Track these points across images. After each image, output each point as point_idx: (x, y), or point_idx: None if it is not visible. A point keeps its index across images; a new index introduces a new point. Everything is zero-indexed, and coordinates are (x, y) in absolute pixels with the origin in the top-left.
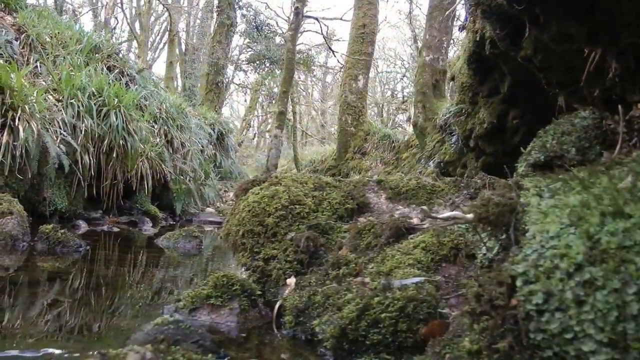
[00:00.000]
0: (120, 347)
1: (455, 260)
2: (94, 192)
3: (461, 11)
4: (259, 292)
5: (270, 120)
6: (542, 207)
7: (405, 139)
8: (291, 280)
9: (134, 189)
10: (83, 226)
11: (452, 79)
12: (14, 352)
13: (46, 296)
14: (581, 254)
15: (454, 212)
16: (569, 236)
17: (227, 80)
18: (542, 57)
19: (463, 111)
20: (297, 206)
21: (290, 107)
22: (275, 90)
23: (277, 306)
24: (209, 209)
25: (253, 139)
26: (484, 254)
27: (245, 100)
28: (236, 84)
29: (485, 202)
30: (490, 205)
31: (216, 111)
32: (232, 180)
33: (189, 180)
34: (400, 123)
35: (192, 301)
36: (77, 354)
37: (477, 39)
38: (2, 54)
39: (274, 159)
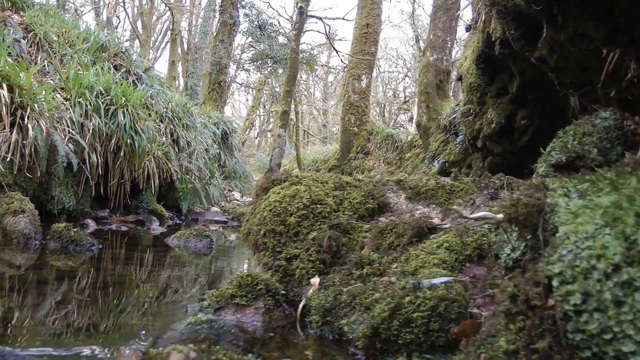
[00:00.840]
0: (151, 346)
1: (479, 261)
2: (101, 191)
3: (465, 11)
4: (283, 292)
5: (272, 120)
6: (571, 207)
7: (408, 139)
8: (315, 280)
9: (140, 188)
10: (92, 225)
11: (460, 79)
12: (49, 350)
13: (65, 294)
14: (618, 255)
15: (485, 213)
16: (604, 237)
17: (229, 79)
18: (557, 58)
19: (471, 111)
20: (319, 206)
21: (293, 106)
22: (278, 89)
23: (301, 306)
24: (214, 209)
25: (256, 138)
26: (508, 255)
27: (247, 100)
28: (238, 83)
29: (515, 203)
30: (520, 205)
31: (218, 110)
32: (236, 179)
33: (195, 180)
34: (402, 123)
35: (216, 300)
36: (110, 352)
37: (487, 39)
38: (10, 53)
39: (277, 158)
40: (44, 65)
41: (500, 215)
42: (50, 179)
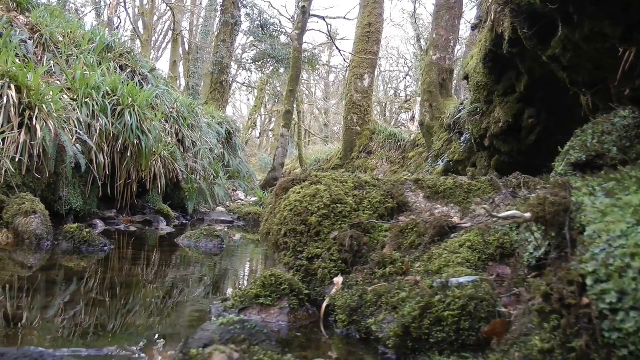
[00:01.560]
0: (183, 346)
1: (501, 260)
2: (108, 191)
3: (467, 10)
4: (306, 292)
5: (273, 120)
6: (599, 206)
7: (411, 138)
8: (338, 280)
9: (147, 188)
10: (100, 225)
11: (466, 78)
12: (82, 351)
13: (86, 295)
14: None
15: (513, 212)
16: (637, 235)
17: (230, 79)
18: (570, 56)
19: (478, 110)
20: (339, 205)
21: (295, 106)
22: (280, 89)
23: (325, 305)
24: (220, 208)
25: (259, 137)
26: (531, 253)
27: (249, 100)
28: (239, 83)
29: (542, 202)
30: (547, 204)
31: (220, 110)
32: (240, 179)
33: (200, 180)
34: (403, 122)
35: (241, 301)
36: (142, 352)
37: (495, 38)
38: (17, 54)
39: (280, 158)
40: (50, 66)
41: (528, 215)
42: (58, 180)
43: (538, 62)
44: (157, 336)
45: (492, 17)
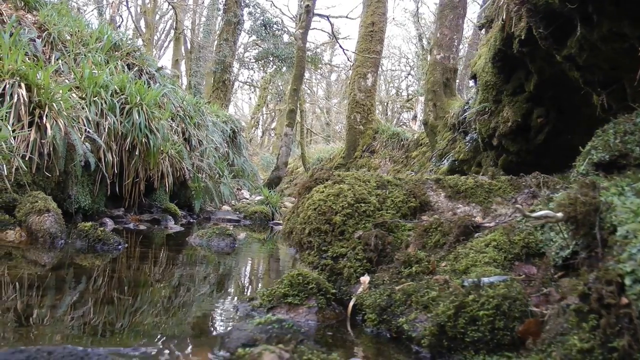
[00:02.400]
0: (220, 345)
1: (527, 259)
2: (116, 189)
3: (470, 9)
4: (333, 291)
5: (275, 118)
6: (630, 206)
7: (415, 137)
8: (365, 279)
9: (154, 186)
10: (109, 224)
11: (473, 77)
12: (119, 349)
13: (108, 293)
14: None
15: (546, 212)
16: None
17: (233, 77)
18: (587, 56)
19: (486, 109)
20: (363, 204)
21: (298, 105)
22: (282, 88)
23: (351, 304)
24: (225, 207)
25: (261, 136)
26: (557, 253)
27: (250, 99)
28: (241, 82)
29: (573, 202)
30: (578, 204)
31: (223, 109)
32: (245, 178)
33: (206, 178)
34: (405, 121)
35: (268, 300)
36: (180, 351)
37: (506, 37)
38: (27, 53)
39: (284, 156)
40: (59, 65)
41: (560, 214)
42: (67, 178)
43: (548, 62)
44: (191, 334)
45: (504, 17)
